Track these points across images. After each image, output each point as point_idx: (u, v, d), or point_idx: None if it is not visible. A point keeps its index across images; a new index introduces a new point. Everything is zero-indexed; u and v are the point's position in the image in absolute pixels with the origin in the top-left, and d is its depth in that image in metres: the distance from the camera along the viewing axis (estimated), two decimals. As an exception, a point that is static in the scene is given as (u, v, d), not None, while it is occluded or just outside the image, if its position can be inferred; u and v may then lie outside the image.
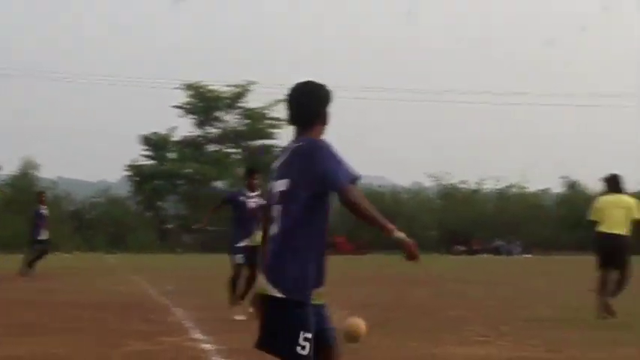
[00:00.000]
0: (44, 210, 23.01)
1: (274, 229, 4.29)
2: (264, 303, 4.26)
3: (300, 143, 4.34)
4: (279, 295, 4.17)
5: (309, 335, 4.17)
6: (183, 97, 69.45)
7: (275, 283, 4.19)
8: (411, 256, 4.15)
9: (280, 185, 4.31)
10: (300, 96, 4.43)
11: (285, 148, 4.51)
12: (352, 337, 4.62)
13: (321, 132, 4.42)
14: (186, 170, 68.51)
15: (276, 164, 4.45)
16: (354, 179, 4.20)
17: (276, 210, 4.29)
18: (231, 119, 70.72)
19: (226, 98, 69.95)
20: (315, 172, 4.18)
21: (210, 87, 69.73)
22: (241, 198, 12.43)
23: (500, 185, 70.73)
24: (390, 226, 4.11)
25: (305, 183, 4.22)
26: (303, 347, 4.14)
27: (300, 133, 4.41)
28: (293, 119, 4.46)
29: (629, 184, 13.50)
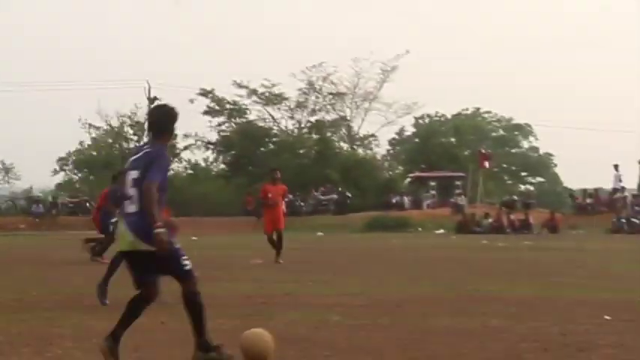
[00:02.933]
0: None
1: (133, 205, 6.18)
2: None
3: (151, 149, 6.31)
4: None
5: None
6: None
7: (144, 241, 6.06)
8: (161, 248, 5.96)
9: (134, 174, 6.21)
10: (158, 114, 6.57)
11: (140, 147, 6.62)
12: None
13: (168, 140, 6.51)
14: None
15: (131, 158, 6.37)
16: (159, 184, 6.13)
17: (133, 191, 6.19)
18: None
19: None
20: (148, 174, 6.13)
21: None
22: None
23: None
24: (160, 223, 5.96)
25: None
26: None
27: (153, 139, 6.43)
28: (150, 129, 6.54)
29: None
